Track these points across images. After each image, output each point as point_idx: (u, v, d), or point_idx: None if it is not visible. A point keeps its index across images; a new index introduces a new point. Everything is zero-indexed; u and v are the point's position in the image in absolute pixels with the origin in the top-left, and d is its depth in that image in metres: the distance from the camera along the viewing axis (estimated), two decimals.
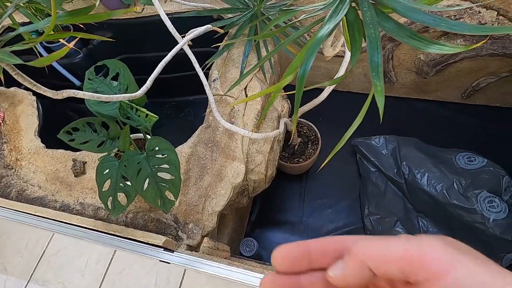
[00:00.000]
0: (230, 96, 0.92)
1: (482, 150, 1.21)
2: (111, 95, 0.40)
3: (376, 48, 0.33)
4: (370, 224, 1.18)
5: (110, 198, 0.53)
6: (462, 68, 1.24)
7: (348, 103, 1.50)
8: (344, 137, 0.40)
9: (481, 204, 1.02)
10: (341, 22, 0.41)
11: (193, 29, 0.63)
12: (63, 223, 0.66)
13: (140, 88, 0.48)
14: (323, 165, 0.48)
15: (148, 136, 0.69)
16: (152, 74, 0.49)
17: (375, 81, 0.33)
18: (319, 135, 1.22)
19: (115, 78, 0.63)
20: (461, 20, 1.02)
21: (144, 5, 1.18)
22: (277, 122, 0.99)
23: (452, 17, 1.03)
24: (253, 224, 1.26)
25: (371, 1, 0.36)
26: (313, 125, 1.25)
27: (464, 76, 1.28)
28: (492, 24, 1.02)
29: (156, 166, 0.55)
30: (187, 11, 1.03)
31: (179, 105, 1.57)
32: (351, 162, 1.36)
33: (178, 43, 0.62)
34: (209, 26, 0.63)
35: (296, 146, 1.22)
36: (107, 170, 0.55)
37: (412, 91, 1.44)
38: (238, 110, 0.92)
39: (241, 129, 0.70)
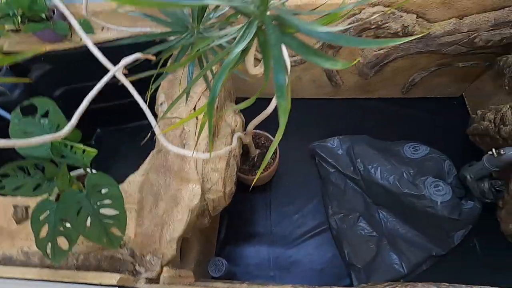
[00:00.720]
0: (179, 118, 0.92)
1: (426, 139, 1.31)
2: (29, 139, 0.38)
3: (280, 69, 0.35)
4: (335, 223, 1.22)
5: (49, 244, 0.50)
6: (397, 67, 1.35)
7: (301, 109, 1.57)
8: (274, 142, 0.42)
9: (428, 189, 1.11)
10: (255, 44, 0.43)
11: (126, 57, 0.62)
12: (3, 279, 0.61)
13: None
14: (256, 178, 0.49)
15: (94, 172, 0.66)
16: (79, 108, 0.48)
17: (280, 100, 0.35)
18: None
19: (45, 115, 0.60)
20: (387, 24, 1.12)
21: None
22: (231, 137, 1.00)
23: (380, 22, 1.13)
24: (222, 242, 1.24)
25: (276, 23, 0.38)
26: (269, 135, 1.28)
27: (400, 73, 1.39)
28: (414, 26, 1.13)
29: (98, 203, 0.52)
30: (126, 38, 1.01)
31: (135, 130, 1.53)
32: (312, 166, 1.40)
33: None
34: (138, 54, 0.63)
35: (256, 158, 1.24)
36: (44, 215, 0.52)
37: (358, 91, 1.53)
38: (189, 131, 0.91)
39: (188, 151, 0.70)
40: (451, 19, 1.12)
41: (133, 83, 0.71)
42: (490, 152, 1.01)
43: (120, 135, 1.51)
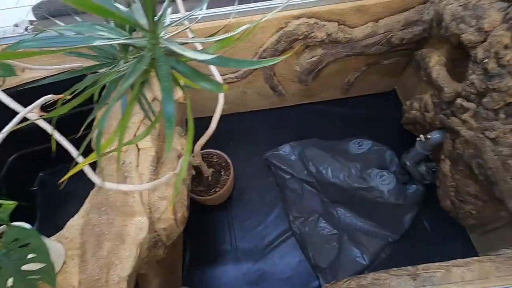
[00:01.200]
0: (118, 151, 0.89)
1: (368, 133, 1.41)
2: None
3: (169, 100, 0.36)
4: (297, 228, 1.24)
5: None
6: (331, 71, 1.44)
7: (251, 121, 1.61)
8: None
9: (375, 180, 1.18)
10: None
11: (37, 101, 0.60)
12: None
13: None
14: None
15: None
16: None
17: (167, 129, 0.36)
18: (229, 161, 1.26)
19: None
20: (312, 33, 1.20)
21: (4, 78, 1.08)
22: (178, 162, 0.99)
23: (306, 32, 1.20)
24: (188, 268, 1.21)
25: (166, 53, 0.39)
26: (222, 153, 1.29)
27: (335, 76, 1.49)
28: (337, 33, 1.22)
29: (20, 260, 0.49)
30: (50, 75, 0.97)
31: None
32: (269, 175, 1.43)
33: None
34: (47, 97, 0.61)
35: (210, 178, 1.23)
36: None
37: (302, 97, 1.61)
38: (131, 162, 0.89)
39: (125, 185, 0.68)
40: (368, 23, 1.23)
41: (70, 119, 0.69)
42: (418, 139, 1.11)
43: (65, 175, 1.42)
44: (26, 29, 1.15)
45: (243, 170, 1.43)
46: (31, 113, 0.60)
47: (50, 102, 0.67)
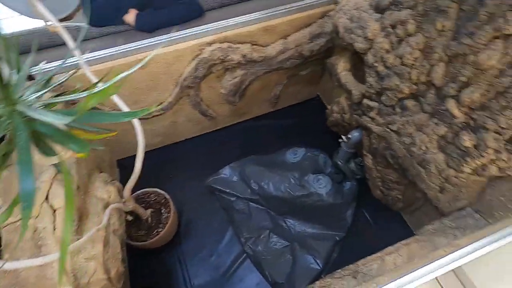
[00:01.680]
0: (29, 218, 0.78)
1: (302, 141, 1.47)
2: None
3: (26, 175, 0.33)
4: (250, 249, 1.22)
5: None
6: (256, 88, 1.49)
7: (187, 150, 1.57)
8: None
9: (313, 186, 1.23)
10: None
11: None
12: None
13: None
14: None
15: None
16: None
17: (23, 210, 0.33)
18: (167, 197, 1.20)
19: None
20: (228, 57, 1.23)
21: None
22: (103, 213, 0.90)
23: (221, 56, 1.22)
24: None
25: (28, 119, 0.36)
26: (158, 189, 1.22)
27: (261, 92, 1.54)
28: (252, 53, 1.27)
29: None
30: None
31: None
32: (214, 202, 1.39)
33: None
34: None
35: (150, 219, 1.16)
36: None
37: (234, 117, 1.63)
38: (45, 227, 0.79)
39: (35, 260, 0.60)
40: (279, 40, 1.30)
41: None
42: (340, 140, 1.19)
43: None
44: None
45: (187, 202, 1.38)
46: None
47: None
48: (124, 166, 1.47)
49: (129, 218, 1.13)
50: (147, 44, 1.10)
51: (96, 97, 0.41)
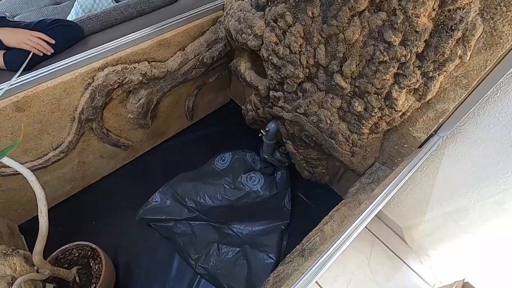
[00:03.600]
0: None
1: (228, 146, 1.48)
2: None
3: None
4: (202, 268, 1.17)
5: None
6: (167, 105, 1.44)
7: (108, 189, 1.41)
8: None
9: (247, 185, 1.24)
10: None
11: None
12: None
13: None
14: None
15: None
16: None
17: None
18: (93, 246, 1.05)
19: None
20: (126, 78, 1.15)
21: None
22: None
23: (118, 80, 1.14)
24: None
25: None
26: (81, 242, 1.06)
27: (173, 108, 1.49)
28: (151, 70, 1.22)
29: None
30: None
31: None
32: (150, 234, 1.28)
33: None
34: None
35: (77, 278, 0.99)
36: None
37: (152, 140, 1.54)
38: None
39: None
40: (177, 53, 1.28)
41: None
42: (260, 134, 1.24)
43: None
44: None
45: (121, 244, 1.24)
46: None
47: None
48: (30, 231, 1.23)
49: (50, 286, 0.95)
50: (22, 82, 0.95)
51: None
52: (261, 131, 1.26)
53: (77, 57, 1.03)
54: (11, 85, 0.92)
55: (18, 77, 0.89)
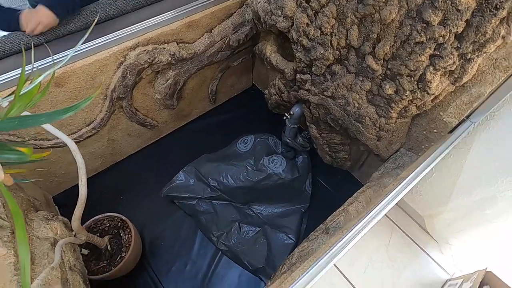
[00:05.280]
0: None
1: (249, 130, 1.50)
2: None
3: None
4: (223, 245, 1.21)
5: None
6: (192, 87, 1.47)
7: (134, 165, 1.47)
8: None
9: (269, 167, 1.27)
10: None
11: None
12: None
13: None
14: None
15: None
16: None
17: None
18: (123, 218, 1.11)
19: None
20: (156, 59, 1.18)
21: None
22: (53, 252, 0.80)
23: (149, 60, 1.17)
24: None
25: None
26: (111, 213, 1.12)
27: (198, 90, 1.52)
28: (180, 51, 1.24)
29: None
30: None
31: None
32: (175, 210, 1.34)
33: None
34: None
35: (109, 246, 1.06)
36: None
37: (177, 121, 1.58)
38: None
39: None
40: (204, 35, 1.30)
41: None
42: (284, 117, 1.25)
43: None
44: None
45: (145, 219, 1.30)
46: None
47: None
48: (62, 203, 1.31)
49: (85, 252, 1.02)
50: (61, 58, 0.99)
51: (23, 100, 0.36)
52: (285, 114, 1.27)
53: (111, 36, 1.07)
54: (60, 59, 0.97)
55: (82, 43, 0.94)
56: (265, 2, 1.10)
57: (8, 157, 0.30)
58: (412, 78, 0.78)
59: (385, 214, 0.87)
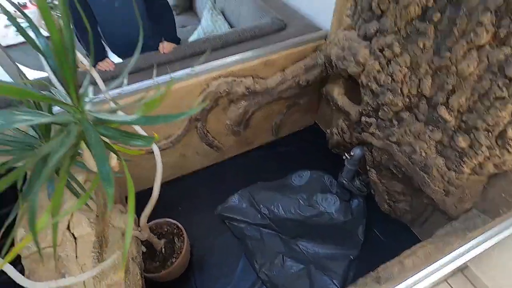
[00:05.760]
0: (50, 247, 0.80)
1: (305, 165, 1.53)
2: None
3: (103, 161, 0.38)
4: (265, 275, 1.21)
5: None
6: (259, 118, 1.59)
7: (196, 181, 1.61)
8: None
9: (322, 205, 1.26)
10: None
11: None
12: None
13: None
14: None
15: None
16: None
17: (107, 188, 0.38)
18: (180, 226, 1.21)
19: None
20: (233, 89, 1.34)
21: None
22: (123, 241, 0.92)
23: (227, 89, 1.33)
24: None
25: (95, 124, 0.42)
26: (170, 219, 1.23)
27: (263, 122, 1.64)
28: (254, 85, 1.38)
29: None
30: None
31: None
32: (225, 230, 1.40)
33: None
34: None
35: (163, 249, 1.15)
36: None
37: (239, 147, 1.70)
38: (67, 255, 0.80)
39: (62, 280, 0.61)
40: (277, 73, 1.43)
41: None
42: (344, 157, 1.26)
43: None
44: None
45: (197, 232, 1.38)
46: None
47: None
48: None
49: (143, 249, 1.13)
50: (163, 81, 1.21)
51: (149, 104, 0.48)
52: (345, 154, 1.27)
53: (201, 67, 1.26)
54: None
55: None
56: (339, 48, 1.19)
57: (135, 143, 0.40)
58: (490, 134, 0.74)
59: (446, 281, 0.78)
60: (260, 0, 1.73)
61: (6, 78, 1.09)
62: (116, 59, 1.57)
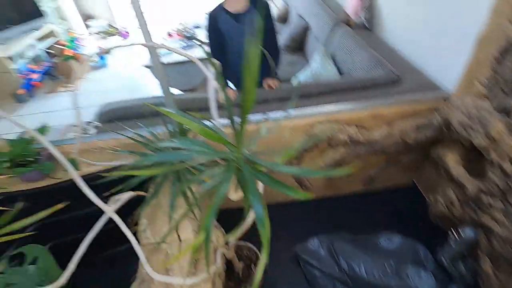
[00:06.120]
0: (163, 242, 0.94)
1: (396, 227, 1.41)
2: None
3: (258, 201, 0.45)
4: None
5: None
6: (354, 165, 1.56)
7: (279, 213, 1.64)
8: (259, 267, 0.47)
9: (412, 280, 1.13)
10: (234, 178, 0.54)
11: (118, 198, 0.70)
12: None
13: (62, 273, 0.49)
14: None
15: None
16: (74, 257, 0.51)
17: (261, 229, 0.44)
18: (259, 254, 1.26)
19: (33, 263, 0.61)
20: (335, 135, 1.36)
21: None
22: (214, 254, 1.01)
23: (330, 134, 1.36)
24: None
25: (248, 164, 0.51)
26: (252, 246, 1.29)
27: (359, 171, 1.59)
28: (357, 134, 1.38)
29: None
30: (107, 169, 1.11)
31: (111, 257, 1.46)
32: (298, 270, 1.38)
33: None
34: (132, 193, 0.72)
35: (241, 272, 1.21)
36: None
37: (326, 190, 1.68)
38: (173, 254, 0.92)
39: (177, 278, 0.71)
40: (383, 126, 1.40)
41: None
42: (449, 233, 1.11)
43: (96, 265, 1.42)
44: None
45: (272, 264, 1.40)
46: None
47: None
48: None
49: (224, 266, 1.21)
50: (275, 117, 1.33)
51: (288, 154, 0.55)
52: (452, 230, 1.13)
53: (308, 110, 1.34)
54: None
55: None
56: (463, 114, 1.10)
57: (290, 193, 0.46)
58: None
59: None
60: (374, 50, 1.75)
61: (158, 93, 1.35)
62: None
